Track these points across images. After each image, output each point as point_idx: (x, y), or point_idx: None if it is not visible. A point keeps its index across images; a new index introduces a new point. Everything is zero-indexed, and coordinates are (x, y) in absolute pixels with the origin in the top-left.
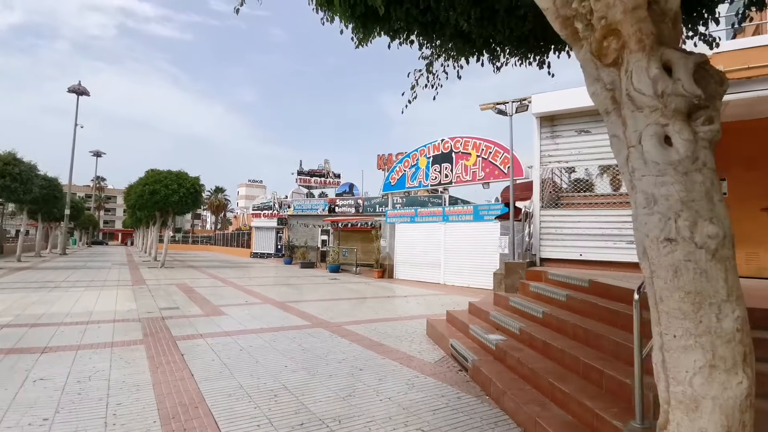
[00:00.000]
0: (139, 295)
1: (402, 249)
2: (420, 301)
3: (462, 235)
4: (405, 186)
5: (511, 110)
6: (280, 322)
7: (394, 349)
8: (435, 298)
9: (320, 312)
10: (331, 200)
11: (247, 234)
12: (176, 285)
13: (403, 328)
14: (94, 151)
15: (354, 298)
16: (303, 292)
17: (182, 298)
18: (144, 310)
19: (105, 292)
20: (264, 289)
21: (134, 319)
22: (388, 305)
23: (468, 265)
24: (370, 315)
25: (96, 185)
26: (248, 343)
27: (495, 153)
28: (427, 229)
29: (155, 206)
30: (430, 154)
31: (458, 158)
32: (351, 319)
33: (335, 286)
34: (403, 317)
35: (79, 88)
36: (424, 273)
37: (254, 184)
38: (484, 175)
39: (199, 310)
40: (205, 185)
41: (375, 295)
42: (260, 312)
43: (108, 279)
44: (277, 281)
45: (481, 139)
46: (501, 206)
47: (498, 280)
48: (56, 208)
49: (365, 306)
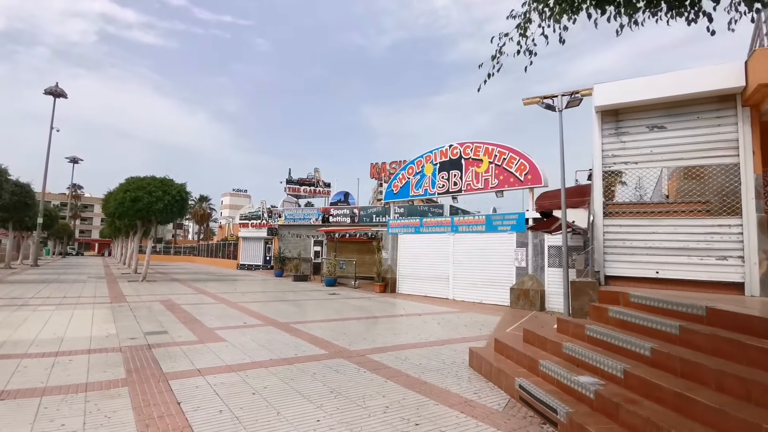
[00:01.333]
0: (119, 316)
1: (406, 261)
2: (438, 320)
3: (473, 246)
4: (409, 194)
5: (561, 104)
6: (292, 350)
7: (443, 389)
8: (453, 317)
9: (333, 336)
10: (325, 210)
11: (233, 244)
12: (161, 302)
13: (437, 356)
14: (71, 157)
15: (364, 318)
16: (305, 310)
17: (169, 318)
18: (126, 334)
19: (79, 311)
20: (260, 306)
21: (114, 348)
22: (406, 326)
23: (480, 280)
24: (391, 339)
25: (72, 193)
26: (261, 382)
27: (510, 159)
28: (434, 241)
29: (137, 214)
30: (436, 161)
31: (468, 165)
32: (372, 345)
33: (337, 302)
34: (430, 342)
35: (55, 89)
36: (430, 287)
37: (239, 193)
38: (498, 182)
39: (190, 334)
40: (191, 192)
41: (385, 313)
42: (264, 336)
43: (83, 295)
44: (272, 297)
45: (494, 145)
46: (518, 215)
47: (515, 296)
48: (28, 216)
49: (380, 327)
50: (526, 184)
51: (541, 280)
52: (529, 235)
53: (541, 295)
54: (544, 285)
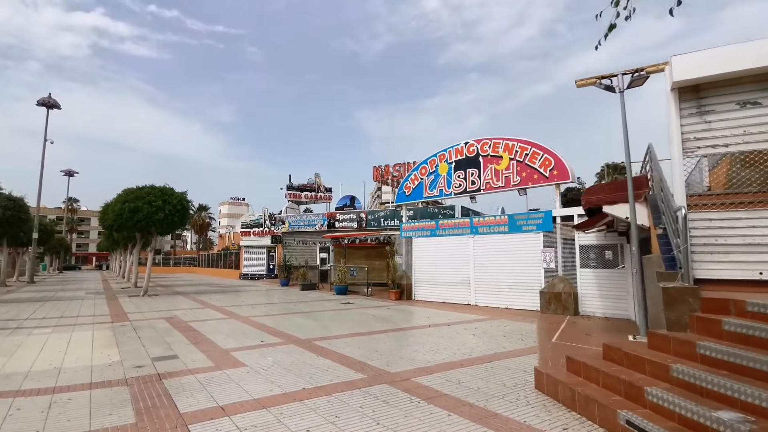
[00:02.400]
0: (122, 338)
1: (421, 266)
2: (471, 330)
3: (495, 248)
4: (423, 195)
5: (622, 84)
6: (324, 375)
7: (521, 422)
8: (484, 325)
9: (366, 355)
10: (331, 215)
11: (235, 254)
12: (165, 319)
13: (493, 377)
14: (66, 170)
15: (390, 330)
16: (324, 324)
17: (177, 338)
18: (131, 361)
19: (78, 334)
20: (275, 320)
21: (119, 381)
22: (439, 339)
23: (504, 284)
24: (431, 356)
25: (68, 206)
26: (302, 423)
27: (533, 155)
28: (452, 243)
29: (136, 226)
30: (451, 159)
31: (487, 162)
32: (413, 365)
33: (355, 313)
34: (475, 358)
35: (48, 100)
36: (449, 293)
37: (237, 202)
38: (521, 180)
39: (204, 358)
40: (193, 201)
41: (411, 324)
42: (287, 358)
43: (81, 314)
44: (284, 309)
45: (515, 140)
46: (543, 214)
47: (546, 300)
48: (22, 231)
49: (413, 341)
50: (552, 180)
51: (572, 282)
52: (557, 235)
53: (575, 298)
54: (576, 287)
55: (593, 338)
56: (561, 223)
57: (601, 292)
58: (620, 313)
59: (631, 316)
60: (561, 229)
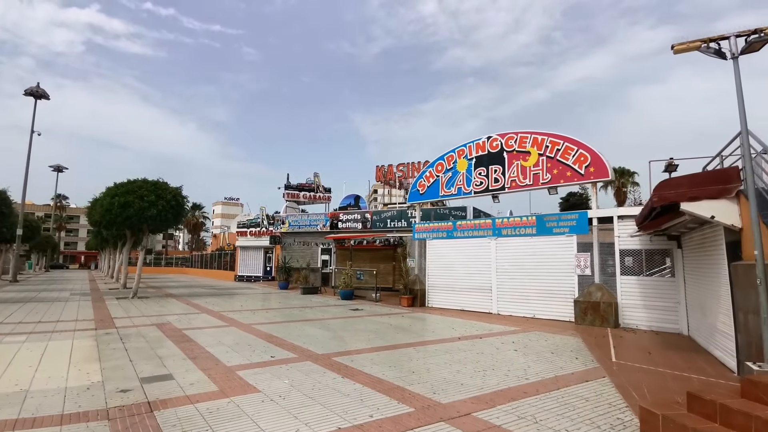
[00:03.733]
0: (105, 350)
1: (436, 270)
2: (510, 344)
3: (521, 252)
4: (438, 194)
5: (735, 48)
6: (360, 407)
7: None
8: (520, 338)
9: (401, 377)
10: (334, 215)
11: (230, 254)
12: (157, 326)
13: (575, 413)
14: (55, 166)
15: (417, 343)
16: (339, 334)
17: (171, 351)
18: (115, 382)
19: (56, 343)
20: (281, 329)
21: (98, 413)
22: (479, 355)
23: (531, 291)
24: (481, 379)
25: (56, 203)
26: None
27: (565, 150)
28: (471, 246)
29: (126, 222)
30: (471, 155)
31: (512, 158)
32: (466, 393)
33: (368, 321)
34: (536, 383)
35: (36, 90)
36: (467, 300)
37: (231, 202)
38: (551, 177)
39: (205, 379)
40: (188, 197)
41: (438, 336)
42: (307, 379)
43: (63, 318)
44: (289, 315)
45: (545, 134)
46: (578, 215)
47: (581, 310)
48: (5, 226)
49: (449, 358)
50: (588, 177)
51: (611, 290)
52: (594, 238)
53: (615, 309)
54: (617, 296)
55: (658, 358)
56: (598, 225)
57: (646, 303)
58: (669, 327)
59: (682, 330)
60: (598, 231)
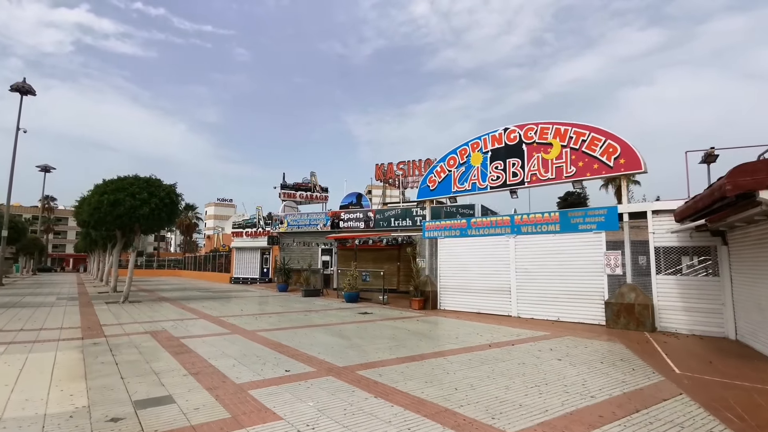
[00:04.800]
0: (93, 364)
1: (449, 271)
2: (547, 351)
3: (543, 250)
4: (451, 190)
5: None
6: None
7: None
8: (559, 345)
9: (446, 396)
10: (335, 213)
11: (224, 256)
12: (151, 334)
13: None
14: (42, 166)
15: (446, 353)
16: (355, 342)
17: (169, 365)
18: (103, 409)
19: (36, 356)
20: (290, 336)
21: None
22: (521, 366)
23: (555, 292)
24: (539, 398)
25: (44, 205)
26: None
27: (591, 141)
28: (487, 245)
29: (117, 221)
30: (487, 148)
31: (532, 151)
32: (533, 419)
33: (382, 326)
34: (604, 402)
35: (22, 86)
36: (484, 302)
37: (223, 203)
38: (576, 170)
39: (213, 401)
40: (183, 195)
41: (465, 343)
42: (335, 401)
43: (46, 326)
44: (295, 321)
45: (569, 124)
46: (607, 210)
47: (613, 312)
48: None
49: (489, 370)
50: (618, 170)
51: (645, 291)
52: (625, 235)
53: (651, 311)
54: (652, 298)
55: (722, 367)
56: (630, 221)
57: (687, 305)
58: (713, 330)
59: (728, 334)
60: (629, 228)
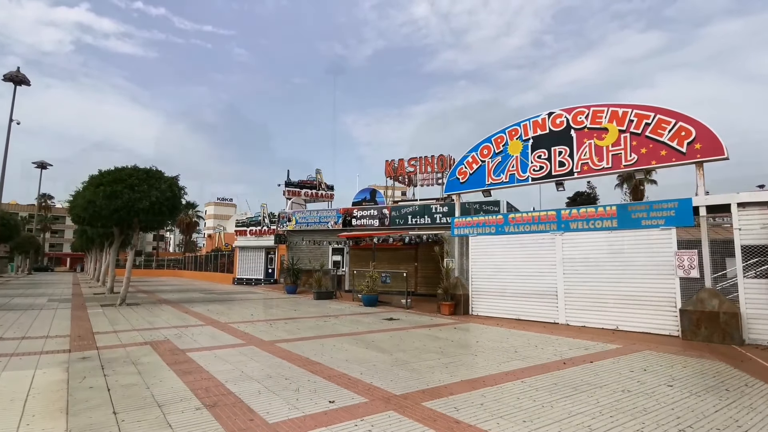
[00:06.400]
0: (78, 390)
1: (482, 272)
2: (640, 372)
3: (597, 250)
4: (485, 182)
5: None
6: None
7: None
8: (645, 362)
9: None
10: (347, 210)
11: (227, 255)
12: (152, 345)
13: None
14: (38, 162)
15: (517, 372)
16: (401, 359)
17: (176, 391)
18: None
19: (9, 376)
20: (317, 350)
21: None
22: (626, 395)
23: (613, 297)
24: None
25: (41, 203)
26: None
27: (657, 124)
28: (529, 243)
29: (114, 216)
30: (527, 136)
31: (582, 137)
32: None
33: (420, 336)
34: None
35: (16, 75)
36: (525, 307)
37: (223, 202)
38: (638, 158)
39: None
40: (186, 188)
41: (531, 360)
42: None
43: (30, 334)
44: (317, 329)
45: (629, 106)
46: (677, 203)
47: (691, 321)
48: None
49: (594, 402)
50: (692, 157)
51: (726, 296)
52: (702, 231)
53: (739, 321)
54: (740, 305)
55: None
56: (708, 215)
57: None
58: None
59: None
60: (707, 224)
